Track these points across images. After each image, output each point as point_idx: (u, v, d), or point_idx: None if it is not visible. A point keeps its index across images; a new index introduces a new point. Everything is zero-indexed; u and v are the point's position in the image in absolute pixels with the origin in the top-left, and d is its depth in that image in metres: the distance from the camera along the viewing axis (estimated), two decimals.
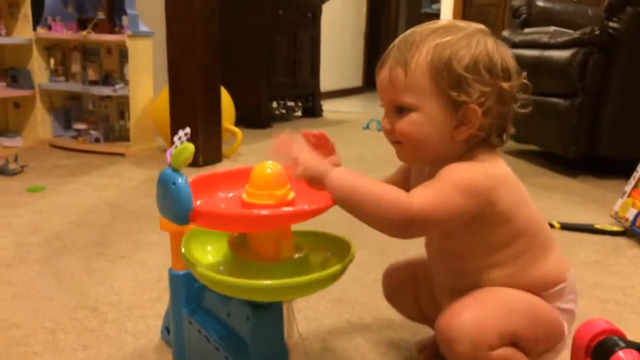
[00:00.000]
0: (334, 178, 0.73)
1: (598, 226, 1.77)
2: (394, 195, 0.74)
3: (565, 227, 1.78)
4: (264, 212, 0.70)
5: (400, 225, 0.73)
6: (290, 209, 0.73)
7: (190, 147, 0.68)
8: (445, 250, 0.88)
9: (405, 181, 0.92)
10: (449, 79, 0.76)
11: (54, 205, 1.94)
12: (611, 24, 2.31)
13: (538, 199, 2.12)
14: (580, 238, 1.71)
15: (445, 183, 0.75)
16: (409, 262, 1.02)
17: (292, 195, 0.75)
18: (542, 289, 0.83)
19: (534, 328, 0.80)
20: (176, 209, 0.68)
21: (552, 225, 1.78)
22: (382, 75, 0.81)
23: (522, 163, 2.79)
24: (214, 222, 0.73)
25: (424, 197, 0.74)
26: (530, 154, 2.97)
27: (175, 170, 0.69)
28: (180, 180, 0.68)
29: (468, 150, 0.81)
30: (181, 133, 0.69)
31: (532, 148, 2.97)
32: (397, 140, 0.82)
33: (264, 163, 0.76)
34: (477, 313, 0.77)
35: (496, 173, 0.79)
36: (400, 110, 0.79)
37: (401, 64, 0.78)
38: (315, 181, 0.74)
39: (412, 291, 0.99)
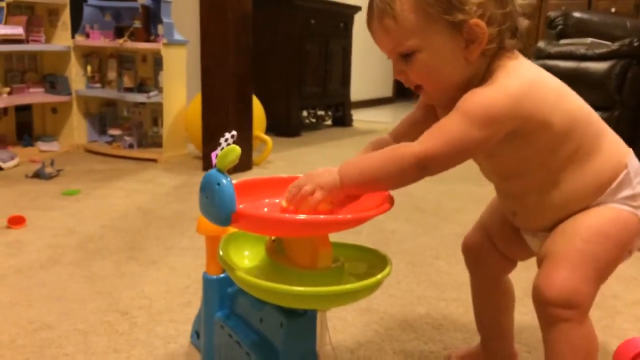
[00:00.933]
0: (343, 177, 0.74)
1: None
2: (397, 150, 0.75)
3: None
4: (304, 217, 0.70)
5: (415, 172, 0.74)
6: (330, 216, 0.72)
7: (237, 149, 0.67)
8: (501, 172, 0.85)
9: (426, 118, 0.89)
10: (439, 5, 0.73)
11: (87, 209, 1.97)
12: None
13: None
14: None
15: (458, 116, 0.73)
16: (477, 224, 0.99)
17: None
18: (606, 182, 0.79)
19: (618, 258, 0.79)
20: (219, 210, 0.68)
21: None
22: (374, 30, 0.78)
23: None
24: (255, 225, 0.73)
25: (429, 138, 0.73)
26: None
27: (221, 171, 0.69)
28: (224, 181, 0.68)
29: (489, 64, 0.77)
30: (227, 135, 0.69)
31: None
32: (416, 85, 0.80)
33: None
34: (572, 279, 0.75)
35: (519, 84, 0.74)
36: (406, 55, 0.77)
37: (387, 13, 0.75)
38: (335, 192, 0.75)
39: (491, 247, 0.96)
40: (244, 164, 2.66)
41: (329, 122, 4.60)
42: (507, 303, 1.00)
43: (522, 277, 1.45)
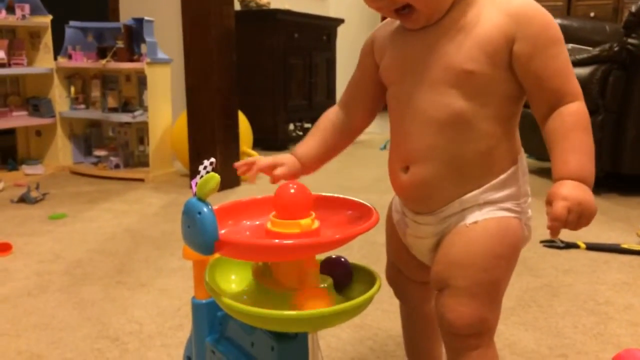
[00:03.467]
0: (589, 179, 0.72)
1: (625, 246, 1.73)
2: (577, 116, 0.75)
3: (591, 247, 1.74)
4: (290, 242, 0.69)
5: None
6: (316, 239, 0.71)
7: (216, 177, 0.67)
8: (455, 119, 0.76)
9: (364, 74, 0.94)
10: None
11: (74, 233, 1.95)
12: (630, 40, 2.29)
13: None
14: (607, 258, 1.67)
15: (556, 48, 0.73)
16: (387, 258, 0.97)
17: (316, 224, 0.73)
18: (498, 170, 0.78)
19: (512, 268, 0.79)
20: (201, 238, 0.67)
21: (577, 246, 1.75)
22: None
23: (544, 181, 2.75)
24: (239, 252, 0.72)
25: (568, 81, 0.74)
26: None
27: (201, 199, 0.68)
28: (205, 209, 0.67)
29: None
30: (206, 162, 0.68)
31: None
32: (403, 5, 0.73)
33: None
34: (481, 310, 0.75)
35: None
36: None
37: None
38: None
39: (400, 275, 0.94)
40: (232, 180, 2.65)
41: None
42: (435, 332, 0.95)
43: (516, 286, 1.45)
